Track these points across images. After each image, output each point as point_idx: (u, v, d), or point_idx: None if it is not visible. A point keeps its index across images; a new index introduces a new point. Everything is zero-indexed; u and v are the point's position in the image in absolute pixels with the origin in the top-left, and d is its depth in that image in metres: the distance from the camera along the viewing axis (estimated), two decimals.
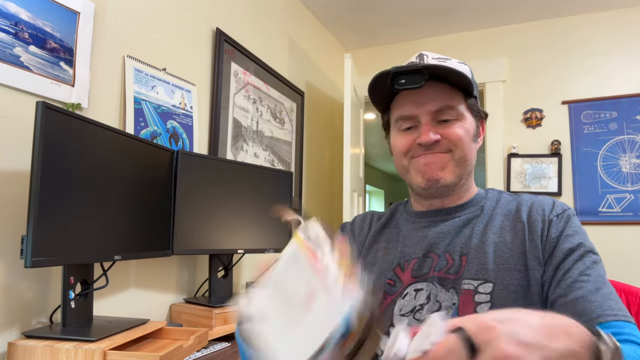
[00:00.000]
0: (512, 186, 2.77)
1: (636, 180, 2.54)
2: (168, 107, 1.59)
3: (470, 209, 0.81)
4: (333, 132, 3.11)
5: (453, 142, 0.76)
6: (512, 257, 0.73)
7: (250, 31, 2.15)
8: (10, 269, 1.07)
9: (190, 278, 1.68)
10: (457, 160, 0.77)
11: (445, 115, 0.77)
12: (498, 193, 0.84)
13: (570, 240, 0.71)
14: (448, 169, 0.77)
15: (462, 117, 0.78)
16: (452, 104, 0.77)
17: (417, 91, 0.76)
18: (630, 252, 2.50)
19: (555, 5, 2.68)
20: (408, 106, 0.78)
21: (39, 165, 0.93)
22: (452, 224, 0.80)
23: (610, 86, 2.66)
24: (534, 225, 0.75)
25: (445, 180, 0.77)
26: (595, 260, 0.70)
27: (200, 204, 1.49)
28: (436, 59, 0.79)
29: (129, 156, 1.23)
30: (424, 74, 0.73)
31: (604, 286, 0.67)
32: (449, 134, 0.76)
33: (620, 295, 1.05)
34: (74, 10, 1.25)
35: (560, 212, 0.75)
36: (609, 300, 0.65)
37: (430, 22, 2.93)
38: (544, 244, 0.73)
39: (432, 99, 0.76)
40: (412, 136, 0.78)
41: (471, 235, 0.78)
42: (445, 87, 0.77)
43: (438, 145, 0.76)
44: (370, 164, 7.97)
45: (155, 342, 1.18)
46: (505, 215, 0.78)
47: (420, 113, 0.77)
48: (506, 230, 0.76)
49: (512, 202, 0.81)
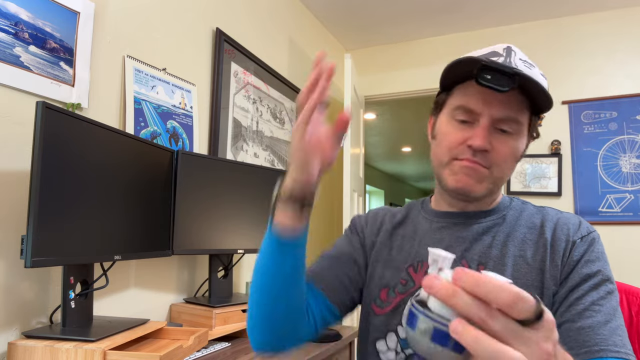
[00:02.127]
0: (512, 186, 2.77)
1: (636, 180, 2.54)
2: (168, 107, 1.59)
3: (492, 216, 0.79)
4: None
5: (497, 160, 0.72)
6: (530, 273, 0.71)
7: (250, 31, 2.15)
8: (10, 269, 1.07)
9: (190, 278, 1.68)
10: (494, 178, 0.74)
11: (506, 126, 0.71)
12: (522, 203, 0.82)
13: (590, 266, 0.70)
14: (483, 185, 0.73)
15: (521, 134, 0.73)
16: (518, 118, 0.71)
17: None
18: (630, 252, 2.50)
19: (555, 5, 2.68)
20: (475, 100, 0.72)
21: (39, 165, 0.93)
22: (472, 229, 0.78)
23: (610, 86, 2.65)
24: (557, 243, 0.72)
25: (476, 193, 0.74)
26: (611, 291, 0.69)
27: (200, 204, 1.49)
28: (524, 61, 0.73)
29: (129, 156, 1.23)
30: (514, 80, 0.65)
31: (613, 319, 0.66)
32: (499, 150, 0.71)
33: (620, 296, 1.05)
34: (74, 10, 1.25)
35: (585, 235, 0.73)
36: (615, 336, 0.64)
37: (430, 22, 2.93)
38: (563, 265, 0.71)
39: (503, 105, 0.70)
40: (465, 133, 0.73)
41: (491, 244, 0.75)
42: (520, 97, 0.71)
43: (483, 157, 0.71)
44: (370, 164, 7.97)
45: (155, 342, 1.18)
46: (528, 228, 0.76)
47: (485, 113, 0.71)
48: (528, 244, 0.74)
49: (537, 215, 0.78)
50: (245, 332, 1.51)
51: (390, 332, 0.77)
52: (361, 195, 2.80)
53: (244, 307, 1.51)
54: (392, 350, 0.76)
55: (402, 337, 0.75)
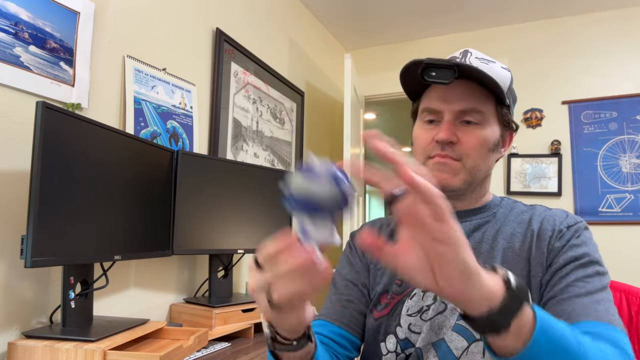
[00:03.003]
0: (512, 186, 2.77)
1: (636, 180, 2.54)
2: (168, 107, 1.59)
3: (483, 214, 0.81)
4: (333, 132, 3.11)
5: (466, 150, 0.75)
6: (518, 263, 0.73)
7: (250, 31, 2.15)
8: (10, 269, 1.07)
9: (190, 278, 1.68)
10: (469, 169, 0.76)
11: (470, 117, 0.75)
12: (513, 202, 0.84)
13: (576, 250, 0.70)
14: (459, 177, 0.76)
15: (487, 123, 0.76)
16: (479, 108, 0.75)
17: (449, 87, 0.74)
18: (630, 252, 2.50)
19: (556, 5, 2.68)
20: (436, 100, 0.77)
21: (39, 165, 0.93)
22: (463, 227, 0.79)
23: (610, 86, 2.66)
24: (543, 233, 0.74)
25: (453, 186, 0.76)
26: (599, 272, 0.68)
27: (200, 204, 1.49)
28: (479, 59, 0.77)
29: (129, 156, 1.23)
30: (454, 71, 0.71)
31: (597, 293, 0.64)
32: (466, 140, 0.75)
33: (620, 295, 1.04)
34: (74, 10, 1.25)
35: (572, 224, 0.74)
36: (597, 304, 0.62)
37: (430, 22, 2.93)
38: (549, 251, 0.72)
39: (461, 98, 0.74)
40: (433, 132, 0.77)
41: (482, 240, 0.78)
42: (479, 89, 0.75)
43: (452, 149, 0.75)
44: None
45: (155, 342, 1.18)
46: (518, 223, 0.78)
47: (446, 109, 0.75)
48: (516, 237, 0.76)
49: (527, 212, 0.80)
50: (245, 332, 1.51)
51: (389, 335, 0.78)
52: (361, 195, 2.80)
53: (244, 307, 1.51)
54: (392, 352, 0.77)
55: (401, 338, 0.76)
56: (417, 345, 0.74)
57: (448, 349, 0.72)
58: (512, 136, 0.82)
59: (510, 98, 0.80)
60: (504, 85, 0.75)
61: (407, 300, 0.77)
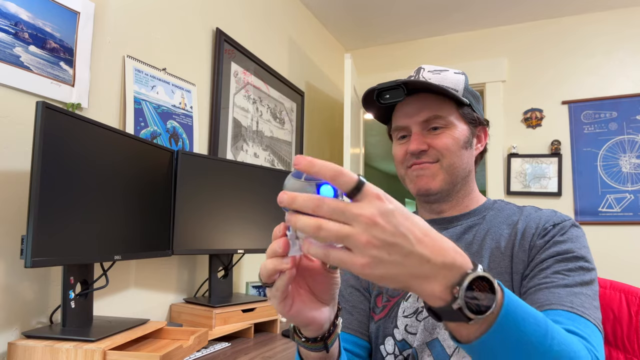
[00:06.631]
0: (512, 186, 2.77)
1: (636, 180, 2.54)
2: (168, 107, 1.59)
3: (473, 217, 0.83)
4: (333, 132, 3.11)
5: (440, 151, 0.80)
6: (503, 261, 0.75)
7: (250, 31, 2.15)
8: (10, 269, 1.07)
9: (190, 278, 1.68)
10: (446, 169, 0.80)
11: (434, 123, 0.81)
12: (505, 204, 0.85)
13: (560, 246, 0.70)
14: (439, 178, 0.80)
15: (452, 125, 0.81)
16: (440, 114, 0.80)
17: (408, 103, 0.82)
18: (630, 252, 2.50)
19: (556, 5, 2.68)
20: (401, 117, 0.84)
21: (39, 165, 0.93)
22: (454, 231, 0.82)
23: (610, 86, 2.66)
24: (527, 231, 0.76)
25: (435, 188, 0.81)
26: (583, 267, 0.67)
27: (200, 204, 1.49)
28: (432, 71, 0.84)
29: (129, 156, 1.23)
30: (403, 89, 0.78)
31: (577, 287, 0.63)
32: (436, 144, 0.80)
33: (620, 295, 1.04)
34: (74, 10, 1.25)
35: (558, 222, 0.74)
36: (574, 296, 0.61)
37: (430, 22, 2.93)
38: (530, 247, 0.73)
39: (420, 110, 0.81)
40: (405, 146, 0.83)
41: (472, 241, 0.80)
42: (436, 98, 0.81)
43: (426, 155, 0.81)
44: (370, 164, 7.97)
45: (155, 342, 1.18)
46: (507, 225, 0.80)
47: (411, 123, 0.82)
48: (503, 237, 0.78)
49: (516, 213, 0.82)
50: (245, 332, 1.51)
51: (388, 337, 0.79)
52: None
53: (244, 307, 1.51)
54: (391, 354, 0.78)
55: (398, 340, 0.77)
56: (413, 345, 0.75)
57: (442, 348, 0.72)
58: (485, 131, 0.88)
59: (470, 97, 0.84)
60: (458, 88, 0.82)
61: (403, 302, 0.79)
